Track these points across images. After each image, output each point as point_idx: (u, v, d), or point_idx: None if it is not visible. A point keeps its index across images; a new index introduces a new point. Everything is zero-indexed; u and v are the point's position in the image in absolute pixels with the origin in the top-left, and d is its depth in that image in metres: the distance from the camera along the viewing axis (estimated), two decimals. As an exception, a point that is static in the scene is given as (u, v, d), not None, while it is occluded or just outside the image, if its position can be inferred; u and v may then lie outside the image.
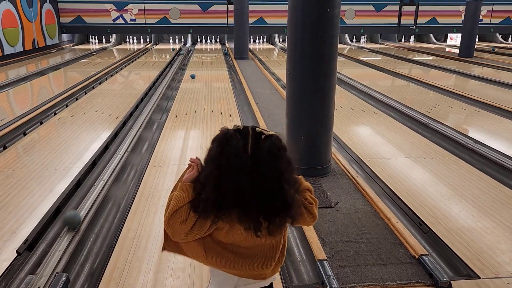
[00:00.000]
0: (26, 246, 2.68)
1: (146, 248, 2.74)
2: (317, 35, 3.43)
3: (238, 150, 1.30)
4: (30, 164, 4.18)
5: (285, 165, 1.33)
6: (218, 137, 1.35)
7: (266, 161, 1.29)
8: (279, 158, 1.32)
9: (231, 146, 1.30)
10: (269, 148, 1.31)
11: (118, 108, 6.48)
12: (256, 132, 1.33)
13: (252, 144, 1.31)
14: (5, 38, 11.97)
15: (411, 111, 6.28)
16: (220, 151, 1.31)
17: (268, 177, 1.29)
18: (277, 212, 1.33)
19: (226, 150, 1.31)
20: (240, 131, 1.34)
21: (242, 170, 1.29)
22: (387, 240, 2.82)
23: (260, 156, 1.30)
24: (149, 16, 16.57)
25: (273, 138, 1.33)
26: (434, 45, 18.08)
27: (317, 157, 3.80)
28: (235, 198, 1.30)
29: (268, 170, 1.29)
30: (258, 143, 1.31)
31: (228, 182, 1.30)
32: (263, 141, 1.31)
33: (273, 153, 1.31)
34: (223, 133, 1.34)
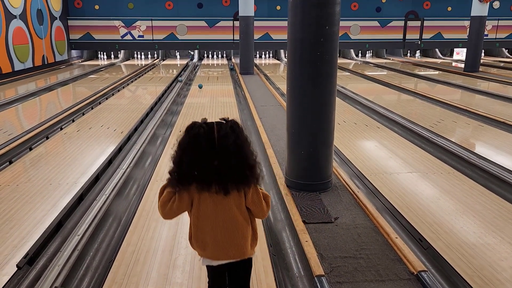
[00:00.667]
0: (27, 260, 2.71)
1: (145, 263, 2.76)
2: (316, 52, 3.48)
3: (199, 135, 1.69)
4: (34, 179, 4.24)
5: (243, 138, 1.74)
6: (187, 126, 1.76)
7: (230, 135, 1.69)
8: (239, 132, 1.73)
9: (193, 131, 1.70)
10: (231, 126, 1.71)
11: (124, 123, 6.56)
12: (219, 121, 1.74)
13: (217, 128, 1.70)
14: (16, 54, 12.23)
15: (414, 126, 6.28)
16: (184, 136, 1.73)
17: (232, 147, 1.68)
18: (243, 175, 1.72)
19: (188, 134, 1.71)
20: (206, 122, 1.73)
21: (200, 150, 1.68)
22: (386, 256, 2.80)
23: (225, 133, 1.69)
24: (157, 32, 16.83)
25: (233, 120, 1.75)
26: (440, 60, 18.11)
27: (318, 172, 3.81)
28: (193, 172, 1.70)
29: (232, 141, 1.69)
30: (221, 126, 1.71)
31: (187, 159, 1.70)
32: (225, 124, 1.72)
33: (234, 128, 1.71)
34: (191, 123, 1.75)
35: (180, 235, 3.12)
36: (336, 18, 3.50)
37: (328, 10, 3.44)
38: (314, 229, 3.14)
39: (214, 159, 1.69)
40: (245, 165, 1.73)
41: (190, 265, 2.72)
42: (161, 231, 3.18)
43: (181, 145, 1.72)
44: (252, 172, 1.75)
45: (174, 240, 3.05)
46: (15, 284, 2.54)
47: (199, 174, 1.70)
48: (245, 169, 1.73)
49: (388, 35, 17.80)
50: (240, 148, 1.71)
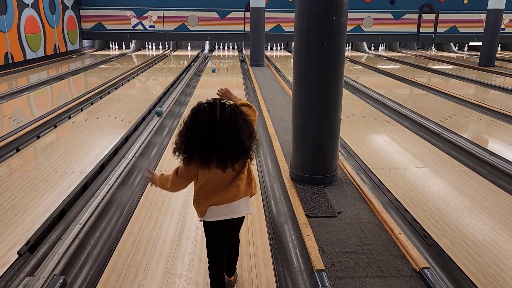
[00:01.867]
0: (28, 247, 2.72)
1: (145, 253, 2.75)
2: (323, 43, 3.41)
3: (202, 117, 1.88)
4: (40, 167, 4.26)
5: (241, 123, 1.90)
6: (193, 108, 1.94)
7: (228, 122, 1.87)
8: (237, 119, 1.89)
9: (198, 114, 1.89)
10: (230, 113, 1.89)
11: (131, 113, 6.56)
12: (221, 103, 1.91)
13: (220, 111, 1.88)
14: (28, 43, 12.31)
15: (424, 121, 6.17)
16: (190, 116, 1.92)
17: (230, 133, 1.87)
18: (238, 155, 1.93)
19: (194, 116, 1.90)
20: (210, 103, 1.91)
21: (204, 130, 1.87)
22: (389, 252, 2.75)
23: (225, 120, 1.87)
24: (168, 23, 16.79)
25: (233, 106, 1.93)
26: (454, 54, 17.79)
27: (323, 166, 3.76)
28: (197, 148, 1.89)
29: (230, 128, 1.87)
30: (223, 109, 1.89)
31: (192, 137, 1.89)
32: (226, 109, 1.89)
33: (232, 116, 1.88)
34: (197, 105, 1.93)
35: (182, 226, 3.11)
36: (344, 8, 3.42)
37: (336, 0, 3.36)
38: (316, 223, 3.10)
39: (215, 139, 1.88)
40: (241, 148, 1.91)
41: (190, 256, 2.71)
42: (162, 221, 3.17)
43: (187, 125, 1.92)
44: (246, 154, 1.96)
45: (176, 231, 3.04)
46: (15, 271, 2.55)
47: (200, 152, 1.89)
48: (242, 150, 1.92)
49: (402, 28, 17.50)
50: (237, 133, 1.88)
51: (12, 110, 6.90)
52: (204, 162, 1.92)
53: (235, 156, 1.93)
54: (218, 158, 1.92)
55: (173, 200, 3.55)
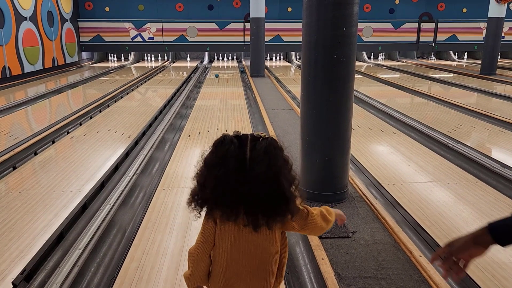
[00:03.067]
0: (23, 277, 2.54)
1: (149, 280, 2.57)
2: (333, 54, 3.27)
3: (228, 152, 1.39)
4: (37, 186, 4.09)
5: (281, 162, 1.42)
6: (215, 141, 1.46)
7: (263, 160, 1.38)
8: (275, 156, 1.40)
9: (223, 148, 1.41)
10: (265, 147, 1.39)
11: (131, 127, 6.41)
12: (254, 135, 1.43)
13: (251, 146, 1.40)
14: (26, 56, 12.20)
15: (432, 132, 6.03)
16: (211, 151, 1.44)
17: (265, 175, 1.37)
18: (276, 207, 1.40)
19: (217, 152, 1.42)
20: (239, 136, 1.43)
21: (228, 172, 1.38)
22: (410, 276, 2.58)
23: (257, 156, 1.38)
24: (167, 34, 16.74)
25: (269, 139, 1.43)
26: (454, 63, 17.75)
27: (333, 182, 3.60)
28: (217, 196, 1.41)
29: (265, 169, 1.37)
30: (255, 144, 1.40)
31: (211, 181, 1.41)
32: (260, 143, 1.40)
33: (269, 152, 1.39)
34: (221, 137, 1.44)
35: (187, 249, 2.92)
36: (354, 19, 3.29)
37: (346, 10, 3.23)
38: (330, 245, 2.93)
39: (244, 184, 1.39)
40: (280, 197, 1.40)
41: (197, 284, 2.53)
42: (167, 245, 2.99)
43: (206, 163, 1.44)
44: (288, 206, 1.42)
45: (181, 255, 2.86)
46: (10, 303, 2.38)
47: (225, 198, 1.41)
48: (279, 202, 1.41)
49: (402, 37, 17.48)
50: (275, 176, 1.39)
51: (9, 125, 6.73)
52: (229, 213, 1.42)
53: (270, 209, 1.40)
54: (247, 211, 1.41)
55: (177, 220, 3.38)
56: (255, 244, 1.45)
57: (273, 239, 1.47)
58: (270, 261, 1.47)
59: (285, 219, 1.45)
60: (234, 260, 1.47)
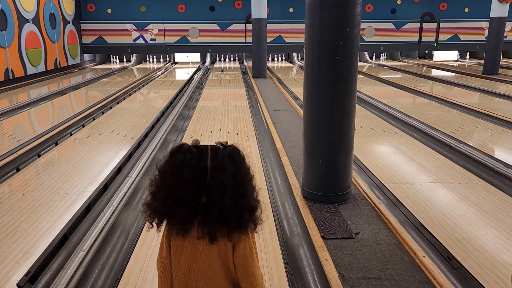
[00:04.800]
0: (28, 278, 2.55)
1: (153, 282, 2.58)
2: (336, 55, 3.27)
3: (184, 162, 1.30)
4: (41, 188, 4.10)
5: (243, 172, 1.34)
6: (172, 149, 1.38)
7: (227, 168, 1.31)
8: (239, 163, 1.34)
9: (179, 157, 1.32)
10: (229, 154, 1.32)
11: (134, 129, 6.42)
12: (214, 145, 1.36)
13: (212, 155, 1.32)
14: (28, 58, 12.24)
15: (435, 132, 6.02)
16: (166, 161, 1.35)
17: (230, 182, 1.30)
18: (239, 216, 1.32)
19: (172, 160, 1.33)
20: (198, 146, 1.35)
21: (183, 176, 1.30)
22: (414, 277, 2.58)
23: (221, 163, 1.31)
24: (169, 36, 16.77)
25: (232, 147, 1.35)
26: (457, 62, 17.72)
27: (336, 183, 3.60)
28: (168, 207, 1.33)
29: (226, 178, 1.30)
30: (216, 153, 1.33)
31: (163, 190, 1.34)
32: (222, 150, 1.33)
33: (234, 159, 1.32)
34: (178, 145, 1.36)
35: (191, 250, 2.93)
36: (357, 19, 3.29)
37: (349, 11, 3.23)
38: (334, 246, 2.93)
39: (201, 195, 1.32)
40: (244, 206, 1.33)
41: (201, 286, 2.53)
42: (170, 246, 2.99)
43: (160, 172, 1.36)
44: (251, 216, 1.35)
45: (185, 256, 2.86)
46: (15, 305, 2.39)
47: (176, 209, 1.32)
48: (243, 212, 1.33)
49: (403, 37, 17.46)
50: (240, 183, 1.33)
51: (13, 127, 6.75)
52: (180, 226, 1.34)
53: (233, 220, 1.32)
54: (203, 221, 1.32)
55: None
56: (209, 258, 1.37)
57: (227, 254, 1.38)
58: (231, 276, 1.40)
59: (246, 231, 1.36)
60: (192, 283, 1.39)
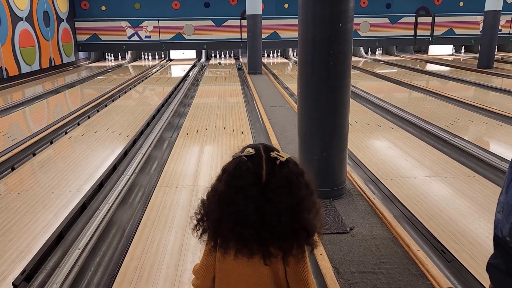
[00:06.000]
0: (24, 277, 2.55)
1: (149, 279, 2.59)
2: (329, 51, 3.28)
3: (247, 184, 1.21)
4: (36, 187, 4.10)
5: (303, 192, 1.23)
6: (228, 168, 1.26)
7: (282, 192, 1.20)
8: (298, 186, 1.22)
9: (240, 180, 1.22)
10: (286, 176, 1.21)
11: (129, 126, 6.41)
12: (270, 157, 1.24)
13: (267, 170, 1.22)
14: (22, 57, 12.16)
15: (430, 126, 6.04)
16: (227, 186, 1.23)
17: (285, 207, 1.20)
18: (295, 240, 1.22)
19: (234, 184, 1.22)
20: (252, 157, 1.23)
21: (249, 206, 1.20)
22: (408, 270, 2.60)
23: (276, 185, 1.21)
24: (164, 32, 16.70)
25: (290, 165, 1.23)
26: (452, 57, 17.75)
27: (331, 178, 3.61)
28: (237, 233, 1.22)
29: (286, 199, 1.20)
30: (273, 169, 1.22)
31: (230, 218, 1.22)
32: (279, 168, 1.22)
33: (290, 182, 1.21)
34: (234, 163, 1.24)
35: (186, 247, 2.95)
36: (350, 14, 3.30)
37: (342, 6, 3.23)
38: (328, 241, 2.95)
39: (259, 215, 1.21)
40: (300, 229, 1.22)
41: (197, 282, 2.54)
42: (166, 243, 3.01)
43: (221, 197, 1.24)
44: (307, 239, 1.25)
45: (180, 253, 2.87)
46: (11, 303, 2.39)
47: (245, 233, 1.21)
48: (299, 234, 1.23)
49: (399, 32, 17.47)
50: (296, 206, 1.22)
51: (7, 126, 6.73)
52: (243, 249, 1.24)
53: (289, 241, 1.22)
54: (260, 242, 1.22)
55: (176, 218, 3.39)
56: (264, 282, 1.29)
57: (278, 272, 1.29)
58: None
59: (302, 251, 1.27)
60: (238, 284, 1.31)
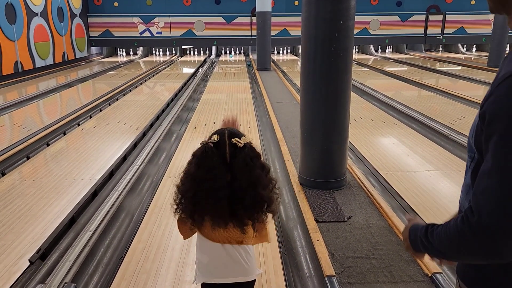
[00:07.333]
0: (39, 255, 2.74)
1: (155, 260, 2.75)
2: (331, 47, 3.40)
3: (213, 165, 1.47)
4: (50, 174, 4.30)
5: (258, 172, 1.50)
6: (197, 153, 1.51)
7: (242, 171, 1.47)
8: (252, 167, 1.49)
9: (207, 162, 1.47)
10: (243, 159, 1.47)
11: (139, 119, 6.60)
12: (231, 142, 1.49)
13: (230, 153, 1.49)
14: (37, 51, 12.46)
15: (433, 123, 6.12)
16: (197, 167, 1.49)
17: (244, 185, 1.47)
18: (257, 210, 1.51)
19: (203, 165, 1.48)
20: (217, 143, 1.49)
21: (217, 182, 1.47)
22: (400, 257, 2.73)
23: (237, 166, 1.48)
24: (175, 29, 16.91)
25: (247, 150, 1.49)
26: (463, 55, 17.67)
27: (332, 170, 3.74)
28: (211, 206, 1.48)
29: (244, 178, 1.47)
30: (234, 153, 1.49)
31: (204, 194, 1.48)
32: (239, 152, 1.48)
33: (247, 163, 1.48)
34: (201, 149, 1.50)
35: (191, 232, 3.11)
36: (352, 12, 3.42)
37: (343, 4, 3.35)
38: (326, 228, 3.08)
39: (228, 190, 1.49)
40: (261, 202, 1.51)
41: (200, 263, 2.70)
42: (172, 228, 3.17)
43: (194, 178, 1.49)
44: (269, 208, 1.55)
45: (185, 237, 3.03)
46: (27, 279, 2.57)
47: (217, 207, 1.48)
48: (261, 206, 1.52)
49: (409, 30, 17.45)
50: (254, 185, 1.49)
51: (22, 118, 6.97)
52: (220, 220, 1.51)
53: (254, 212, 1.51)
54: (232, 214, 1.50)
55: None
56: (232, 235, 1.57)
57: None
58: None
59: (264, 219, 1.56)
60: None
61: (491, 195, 0.89)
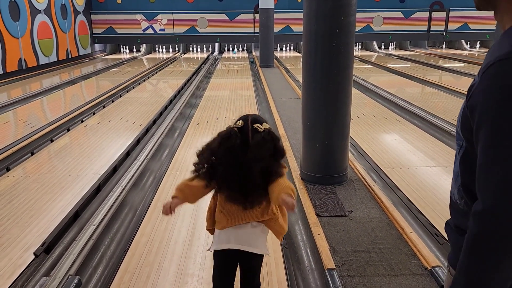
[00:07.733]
0: (44, 248, 2.78)
1: (158, 253, 2.79)
2: (332, 43, 3.42)
3: (233, 148, 1.72)
4: (54, 170, 4.34)
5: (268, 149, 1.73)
6: (222, 133, 1.77)
7: (257, 147, 1.71)
8: (265, 145, 1.73)
9: (229, 143, 1.72)
10: (259, 139, 1.73)
11: (143, 116, 6.64)
12: (253, 127, 1.74)
13: (252, 136, 1.74)
14: (41, 48, 12.52)
15: (435, 119, 6.13)
16: (219, 145, 1.74)
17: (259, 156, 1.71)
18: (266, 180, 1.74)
19: (224, 145, 1.73)
20: (242, 128, 1.74)
21: (233, 163, 1.72)
22: (400, 250, 2.75)
23: (254, 144, 1.72)
24: (178, 26, 16.93)
25: (263, 133, 1.74)
26: (466, 52, 17.61)
27: (333, 166, 3.77)
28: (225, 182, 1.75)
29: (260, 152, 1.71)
30: (254, 135, 1.74)
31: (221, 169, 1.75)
32: (257, 134, 1.73)
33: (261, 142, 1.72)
34: (226, 132, 1.76)
35: (193, 226, 3.15)
36: (353, 8, 3.43)
37: (344, 0, 3.37)
38: (327, 222, 3.11)
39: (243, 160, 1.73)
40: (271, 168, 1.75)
41: (202, 256, 2.74)
42: (174, 222, 3.21)
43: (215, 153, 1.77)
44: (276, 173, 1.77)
45: (187, 231, 3.07)
46: (32, 271, 2.62)
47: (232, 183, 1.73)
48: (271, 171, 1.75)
49: (412, 27, 17.39)
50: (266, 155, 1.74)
51: (26, 114, 7.02)
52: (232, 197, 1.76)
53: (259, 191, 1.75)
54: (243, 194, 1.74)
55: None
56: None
57: None
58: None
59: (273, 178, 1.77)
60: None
61: (492, 184, 0.90)
